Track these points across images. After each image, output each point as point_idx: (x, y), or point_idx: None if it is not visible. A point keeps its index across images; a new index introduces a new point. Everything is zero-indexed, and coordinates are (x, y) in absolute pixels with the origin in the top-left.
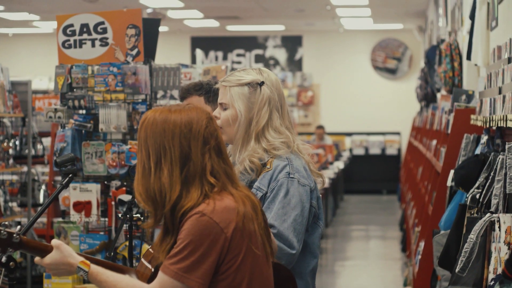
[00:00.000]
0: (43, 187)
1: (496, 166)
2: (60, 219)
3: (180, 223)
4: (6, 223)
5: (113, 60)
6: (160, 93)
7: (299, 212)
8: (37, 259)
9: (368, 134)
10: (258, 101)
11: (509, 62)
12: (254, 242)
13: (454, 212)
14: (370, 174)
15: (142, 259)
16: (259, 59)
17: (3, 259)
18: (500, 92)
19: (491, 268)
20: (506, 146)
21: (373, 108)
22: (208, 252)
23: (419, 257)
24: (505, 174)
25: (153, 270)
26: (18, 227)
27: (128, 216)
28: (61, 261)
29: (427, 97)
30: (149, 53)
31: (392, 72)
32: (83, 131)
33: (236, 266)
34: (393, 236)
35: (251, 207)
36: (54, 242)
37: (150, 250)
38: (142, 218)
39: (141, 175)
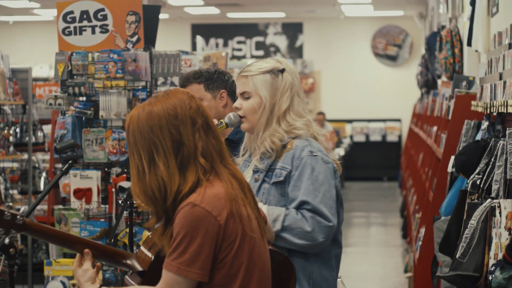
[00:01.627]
0: (44, 174)
1: (497, 152)
2: (60, 206)
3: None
4: (10, 204)
5: (113, 47)
6: (161, 80)
7: (327, 187)
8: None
9: (369, 121)
10: (281, 87)
11: (509, 48)
12: (248, 225)
13: (455, 198)
14: (371, 161)
15: (142, 247)
16: (259, 46)
17: (6, 240)
18: (500, 78)
19: (491, 253)
20: (507, 132)
21: (373, 95)
22: (204, 242)
23: (420, 243)
24: (506, 160)
25: (152, 257)
26: (22, 208)
27: (128, 203)
28: (79, 283)
29: (428, 84)
30: (150, 40)
31: (392, 59)
32: (84, 118)
33: (233, 253)
34: (393, 222)
35: (239, 186)
36: (85, 265)
37: (150, 236)
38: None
39: (137, 178)
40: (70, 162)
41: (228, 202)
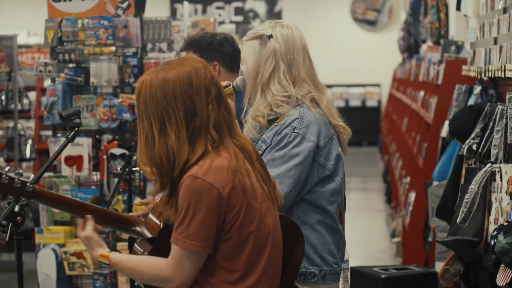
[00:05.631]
0: (30, 141)
1: (495, 117)
2: (51, 174)
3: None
4: (21, 171)
5: (104, 13)
6: (149, 46)
7: (292, 165)
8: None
9: (348, 86)
10: (265, 54)
11: (504, 12)
12: (251, 196)
13: (448, 163)
14: (350, 126)
15: (150, 215)
16: (238, 11)
17: (16, 208)
18: (495, 43)
19: (491, 218)
20: (507, 96)
21: (353, 60)
22: (207, 214)
23: (410, 208)
24: (506, 125)
25: (161, 225)
26: (32, 176)
27: (127, 169)
28: (88, 250)
29: (410, 49)
30: (139, 6)
31: (371, 23)
32: (74, 85)
33: (239, 224)
34: (375, 187)
35: (246, 158)
36: (87, 231)
37: (158, 204)
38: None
39: (144, 145)
40: (76, 129)
41: (230, 173)
